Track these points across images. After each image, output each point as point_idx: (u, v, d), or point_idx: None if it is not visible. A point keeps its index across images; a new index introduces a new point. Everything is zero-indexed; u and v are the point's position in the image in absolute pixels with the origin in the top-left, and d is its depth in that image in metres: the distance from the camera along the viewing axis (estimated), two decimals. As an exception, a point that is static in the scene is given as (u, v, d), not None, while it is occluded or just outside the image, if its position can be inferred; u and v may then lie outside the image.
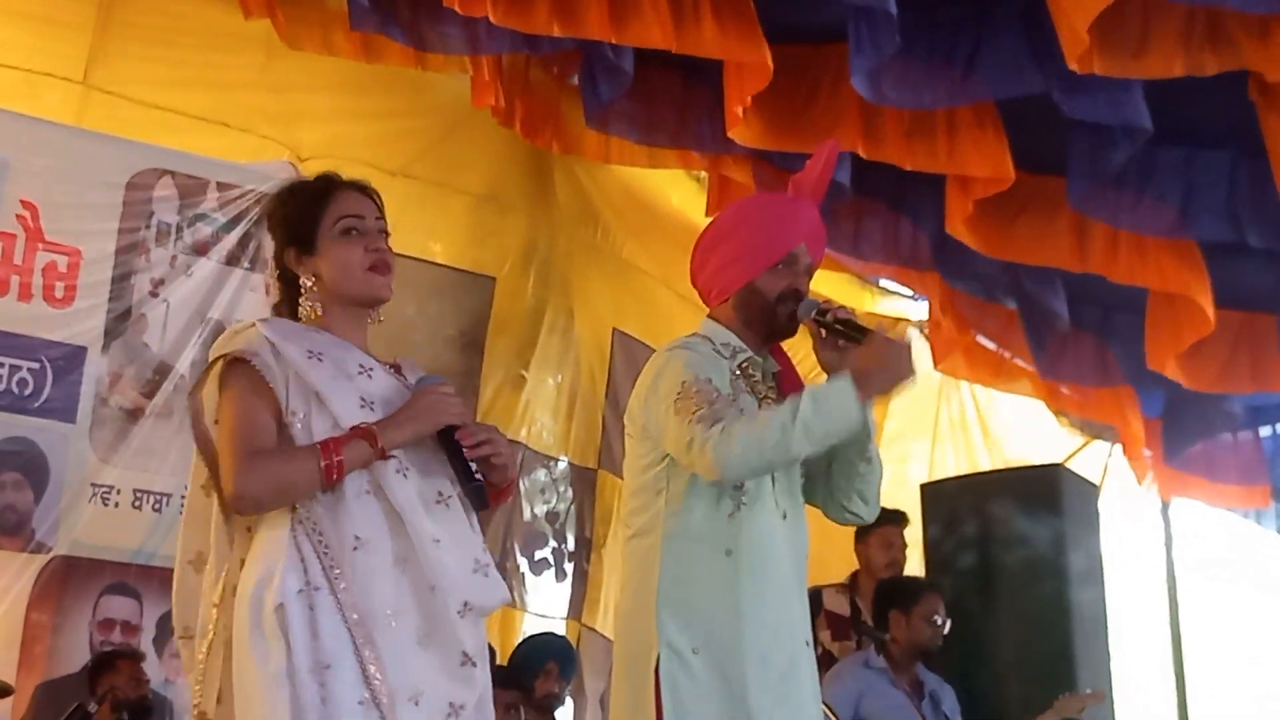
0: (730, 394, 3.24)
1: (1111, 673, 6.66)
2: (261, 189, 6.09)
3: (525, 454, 7.15)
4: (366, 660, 2.52)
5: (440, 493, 2.69)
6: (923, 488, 7.23)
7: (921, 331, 8.31)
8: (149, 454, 5.73)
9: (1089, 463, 8.75)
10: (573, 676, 6.57)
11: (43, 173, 5.72)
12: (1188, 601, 9.27)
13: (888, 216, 6.80)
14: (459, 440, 2.68)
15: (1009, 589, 6.48)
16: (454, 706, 2.59)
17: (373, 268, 2.79)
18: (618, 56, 5.67)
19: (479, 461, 2.71)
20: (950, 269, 7.03)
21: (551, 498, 7.46)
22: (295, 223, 2.85)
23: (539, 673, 6.08)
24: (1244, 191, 5.97)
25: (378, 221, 2.84)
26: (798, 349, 3.49)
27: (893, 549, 6.27)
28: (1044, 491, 6.69)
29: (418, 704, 2.53)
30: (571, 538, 7.47)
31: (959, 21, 5.44)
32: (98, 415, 5.75)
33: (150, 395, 5.82)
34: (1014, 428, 8.91)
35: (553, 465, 7.48)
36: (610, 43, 5.49)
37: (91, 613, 5.67)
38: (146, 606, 5.76)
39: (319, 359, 2.69)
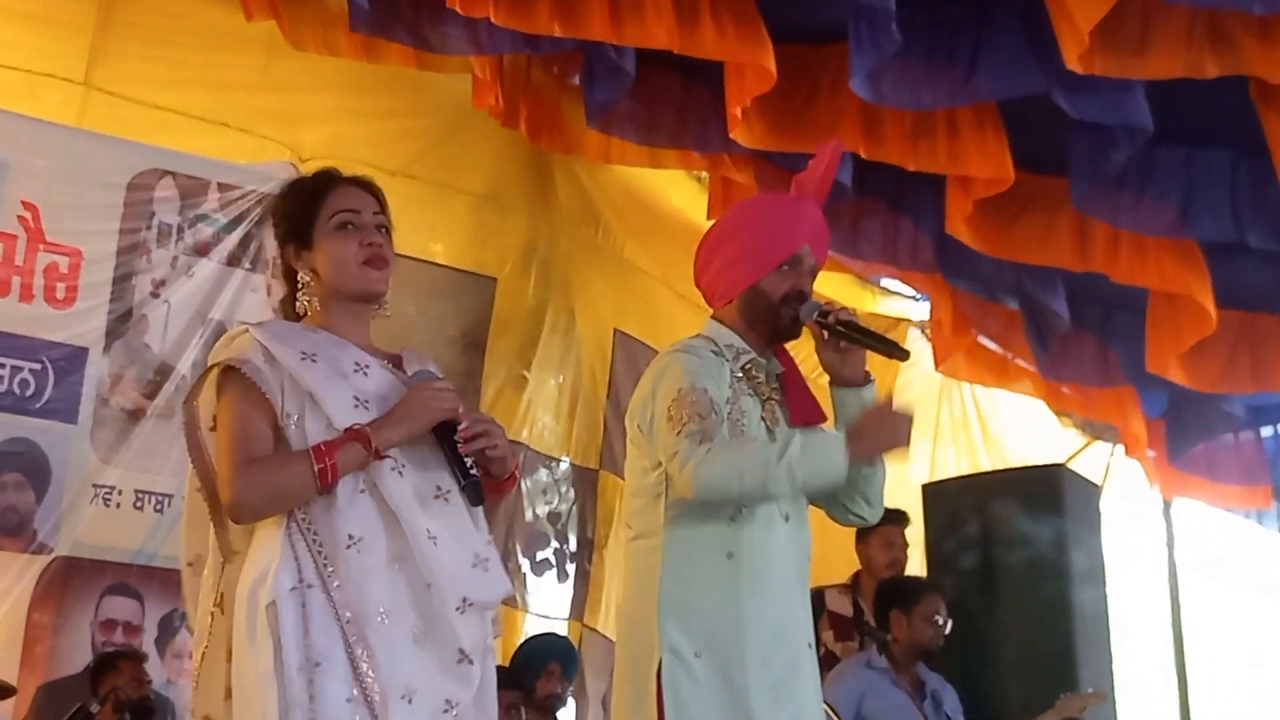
0: (730, 398, 3.24)
1: (1113, 673, 6.65)
2: (262, 190, 6.10)
3: (527, 454, 7.15)
4: (359, 658, 2.51)
5: (439, 487, 2.68)
6: (924, 488, 7.22)
7: (923, 332, 8.31)
8: (150, 454, 5.74)
9: (1091, 463, 8.75)
10: (574, 677, 6.57)
11: (43, 173, 5.73)
12: (1189, 602, 9.27)
13: (889, 217, 6.78)
14: (455, 436, 2.67)
15: (1010, 589, 6.47)
16: (449, 704, 2.58)
17: (367, 262, 2.77)
18: (619, 57, 5.66)
19: (477, 455, 2.70)
20: (952, 269, 7.02)
21: (553, 498, 7.46)
22: (294, 218, 2.85)
23: (541, 673, 6.08)
24: (1245, 191, 5.96)
25: (376, 216, 2.83)
26: (799, 349, 3.49)
27: (894, 549, 6.26)
28: (1045, 492, 6.68)
29: (410, 702, 2.52)
30: (573, 538, 7.47)
31: (959, 21, 5.43)
32: (99, 416, 5.76)
33: (151, 396, 5.83)
34: (1015, 428, 8.91)
35: (554, 466, 7.48)
36: (612, 43, 5.48)
37: (93, 613, 5.67)
38: (148, 607, 5.77)
39: (312, 360, 2.68)
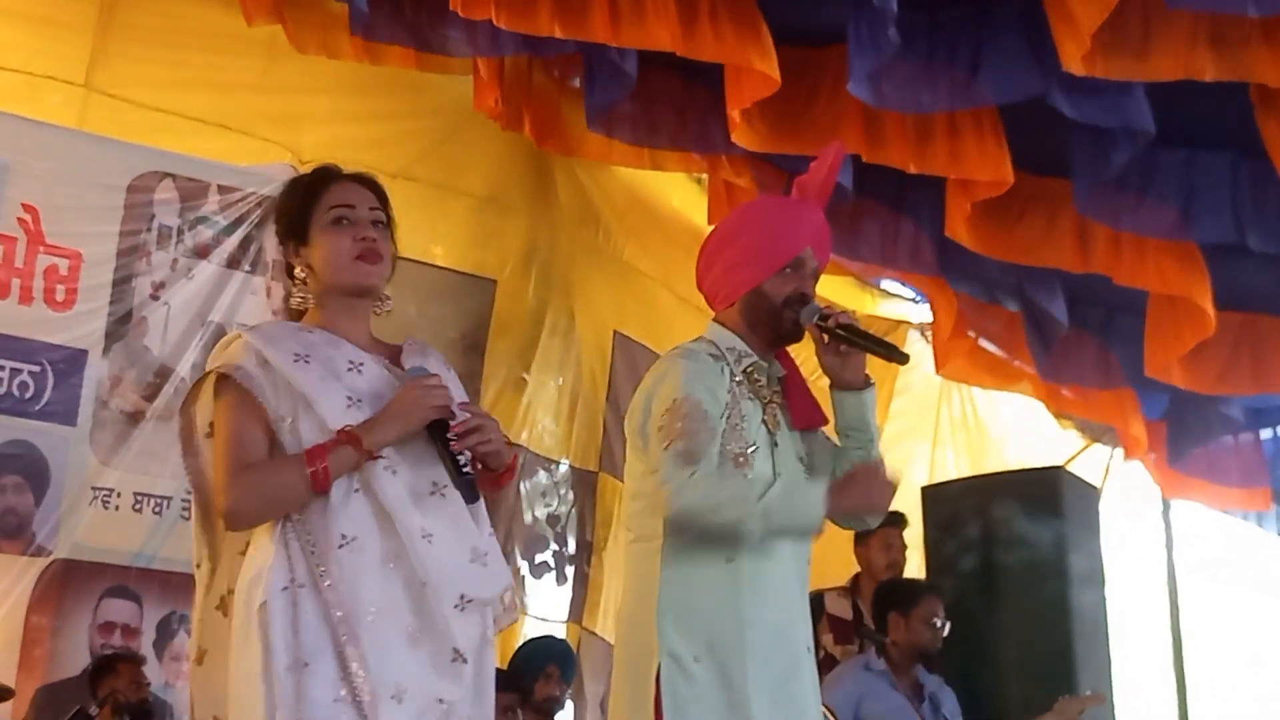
0: (729, 402, 3.23)
1: (1112, 674, 6.65)
2: (262, 192, 6.11)
3: (526, 457, 7.14)
4: (349, 658, 2.51)
5: (435, 483, 2.67)
6: (924, 490, 7.22)
7: (923, 334, 8.31)
8: (149, 457, 5.73)
9: (1090, 465, 8.75)
10: (573, 680, 6.57)
11: (44, 175, 5.73)
12: (1188, 603, 9.28)
13: (889, 218, 6.78)
14: (447, 434, 2.66)
15: (1010, 591, 6.47)
16: (440, 702, 2.58)
17: (360, 256, 2.77)
18: (621, 59, 5.64)
19: (471, 451, 2.70)
20: (952, 271, 7.02)
21: (552, 501, 7.46)
22: (292, 214, 2.87)
23: (539, 676, 6.07)
24: (1245, 193, 5.96)
25: (372, 212, 2.83)
26: (798, 351, 3.49)
27: (893, 550, 6.27)
28: (1045, 494, 6.68)
29: (400, 701, 2.52)
30: (572, 541, 7.46)
31: (958, 23, 5.42)
32: (98, 418, 5.75)
33: (151, 398, 5.82)
34: (1014, 430, 8.91)
35: (554, 468, 7.48)
36: (612, 46, 5.47)
37: (92, 616, 5.66)
38: (147, 609, 5.76)
39: (305, 361, 2.68)
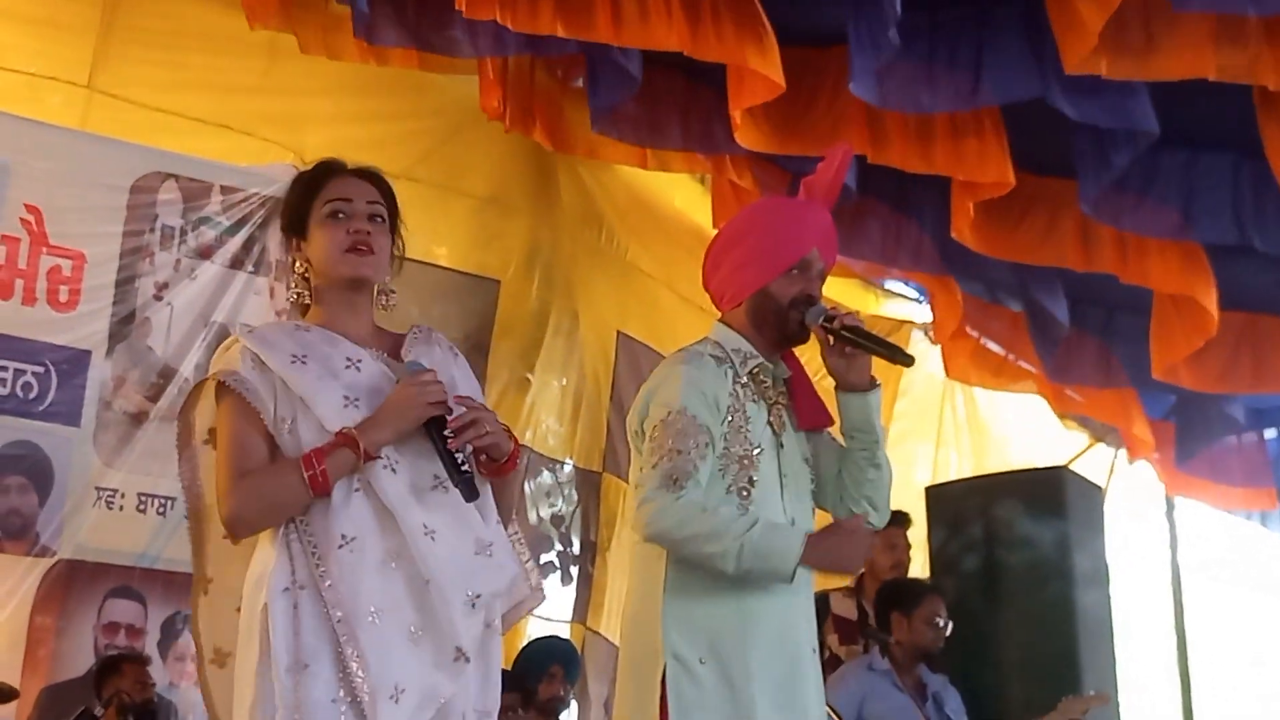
0: (732, 405, 3.22)
1: (1116, 674, 6.64)
2: (265, 192, 6.11)
3: (530, 457, 7.13)
4: (349, 658, 2.51)
5: (436, 476, 2.66)
6: (927, 490, 7.23)
7: (926, 334, 8.31)
8: (153, 457, 5.72)
9: (1094, 465, 8.75)
10: (577, 680, 6.57)
11: (46, 176, 5.73)
12: (1192, 603, 9.28)
13: (892, 218, 6.79)
14: (444, 430, 2.64)
15: (1014, 591, 6.47)
16: (437, 698, 2.57)
17: (351, 248, 2.77)
18: (625, 60, 5.63)
19: (470, 445, 2.69)
20: (955, 270, 7.02)
21: (556, 501, 7.46)
22: (292, 209, 2.88)
23: (543, 676, 6.07)
24: (1246, 194, 5.96)
25: (370, 206, 2.82)
26: (802, 351, 3.48)
27: (897, 551, 6.25)
28: (1048, 494, 6.67)
29: (398, 701, 2.51)
30: (576, 541, 7.46)
31: (960, 23, 5.42)
32: (102, 419, 5.75)
33: (154, 399, 5.83)
34: (1018, 430, 8.91)
35: (558, 468, 7.48)
36: (616, 46, 5.46)
37: (96, 616, 5.66)
38: (151, 610, 5.76)
39: (303, 362, 2.68)
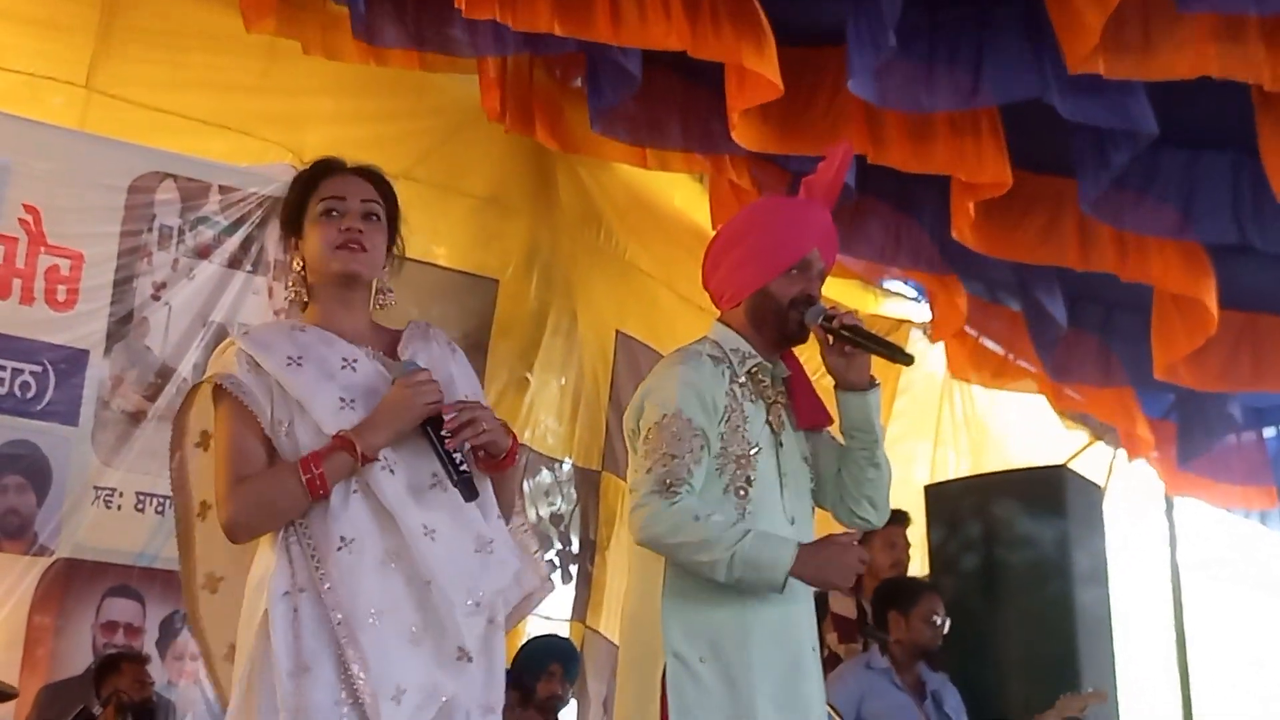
0: (729, 405, 3.22)
1: (1115, 673, 6.64)
2: (263, 192, 6.12)
3: (529, 456, 7.14)
4: (350, 660, 2.51)
5: (434, 475, 2.67)
6: (926, 489, 7.22)
7: (925, 333, 8.31)
8: (151, 457, 5.72)
9: (1093, 463, 8.75)
10: (576, 679, 6.57)
11: (45, 176, 5.73)
12: (1192, 602, 9.27)
13: (892, 217, 6.78)
14: (439, 432, 2.64)
15: (1013, 590, 6.46)
16: (439, 697, 2.57)
17: (342, 245, 2.77)
18: (625, 59, 5.62)
19: (474, 450, 2.69)
20: (955, 269, 7.02)
21: (556, 500, 7.46)
22: (290, 209, 2.88)
23: (542, 674, 6.07)
24: (1246, 193, 5.95)
25: (364, 204, 2.82)
26: (801, 351, 3.48)
27: (896, 550, 6.25)
28: (1047, 492, 6.66)
29: (399, 702, 2.51)
30: (576, 540, 7.46)
31: (959, 23, 5.42)
32: (100, 418, 5.76)
33: (152, 398, 5.83)
34: (1017, 429, 8.91)
35: (557, 467, 7.48)
36: (615, 45, 5.44)
37: (94, 615, 5.67)
38: (149, 609, 5.77)
39: (298, 364, 2.68)
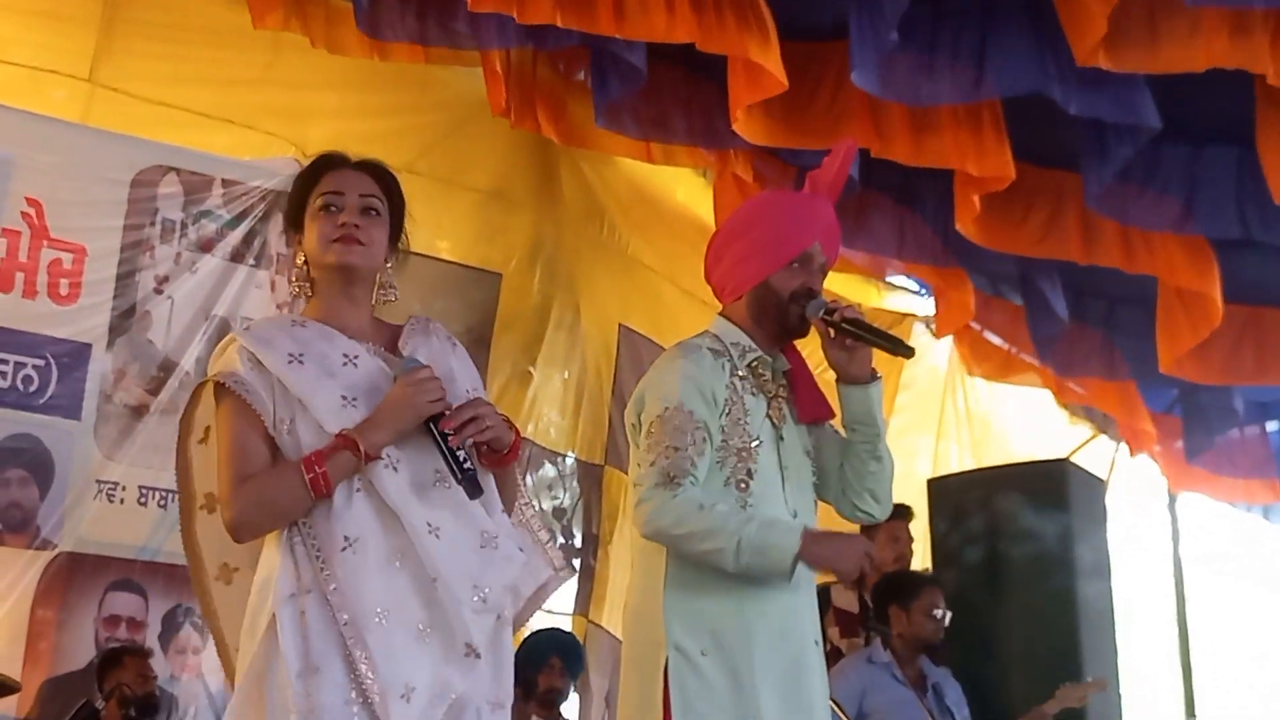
0: (729, 398, 3.23)
1: (1118, 666, 6.65)
2: (266, 186, 6.11)
3: (532, 450, 7.14)
4: (358, 660, 2.50)
5: (437, 470, 2.66)
6: (929, 483, 7.23)
7: (928, 327, 8.30)
8: (154, 450, 5.71)
9: (1096, 457, 8.74)
10: (580, 673, 6.57)
11: (48, 170, 5.72)
12: (1194, 596, 9.28)
13: (895, 210, 6.78)
14: (443, 430, 2.63)
15: (1016, 583, 6.47)
16: (449, 694, 2.57)
17: (337, 239, 2.77)
18: (630, 53, 5.61)
19: (477, 446, 2.69)
20: (960, 263, 7.01)
21: (559, 494, 7.47)
22: (291, 204, 2.89)
23: (542, 667, 6.08)
24: (1249, 187, 5.94)
25: (363, 199, 2.82)
26: (803, 344, 3.48)
27: (899, 543, 6.25)
28: (1050, 486, 6.68)
29: (409, 700, 2.51)
30: (579, 534, 7.47)
31: (963, 16, 5.41)
32: (102, 412, 5.75)
33: (155, 392, 5.83)
34: (1019, 423, 8.91)
35: (560, 461, 7.48)
36: (620, 39, 5.43)
37: (97, 609, 5.66)
38: (152, 603, 5.76)
39: (300, 361, 2.67)
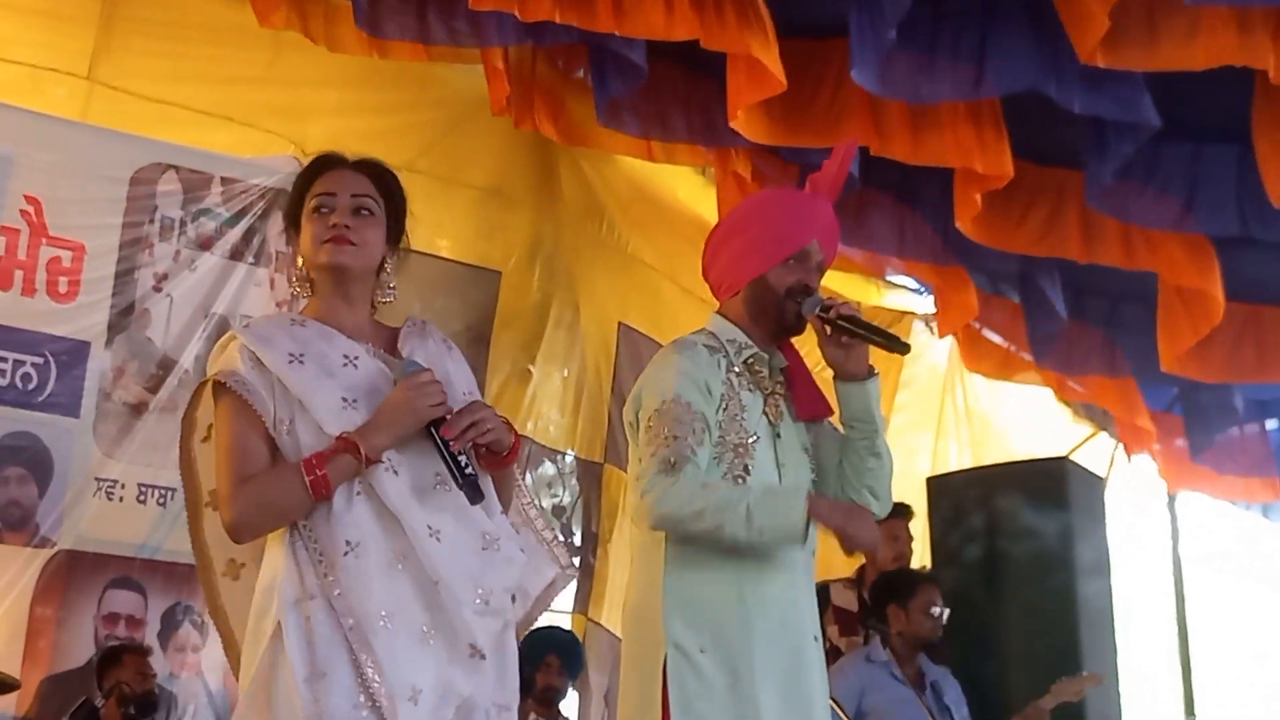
0: (725, 394, 3.23)
1: (1117, 665, 6.65)
2: (266, 184, 6.12)
3: (532, 448, 7.14)
4: (364, 664, 2.50)
5: (438, 474, 2.66)
6: (928, 481, 7.22)
7: (927, 325, 8.30)
8: (153, 448, 5.71)
9: (1095, 455, 8.74)
10: (579, 671, 6.56)
11: (47, 168, 5.72)
12: (1194, 594, 9.27)
13: (895, 209, 6.77)
14: (444, 435, 2.63)
15: (1015, 582, 6.47)
16: (456, 696, 2.57)
17: (328, 239, 2.77)
18: (630, 50, 5.59)
19: (476, 448, 2.68)
20: (960, 261, 7.01)
21: (558, 491, 7.47)
22: (290, 206, 2.89)
23: (539, 665, 6.08)
24: (1250, 186, 5.93)
25: (355, 199, 2.81)
26: (802, 343, 3.48)
27: (899, 542, 6.25)
28: (1049, 484, 6.67)
29: (416, 703, 2.51)
30: (578, 532, 7.47)
31: (962, 14, 5.41)
32: (101, 410, 5.75)
33: (154, 390, 5.83)
34: (1019, 421, 8.90)
35: (559, 459, 7.48)
36: (621, 37, 5.42)
37: (96, 607, 5.66)
38: (151, 601, 5.76)
39: (300, 361, 2.67)
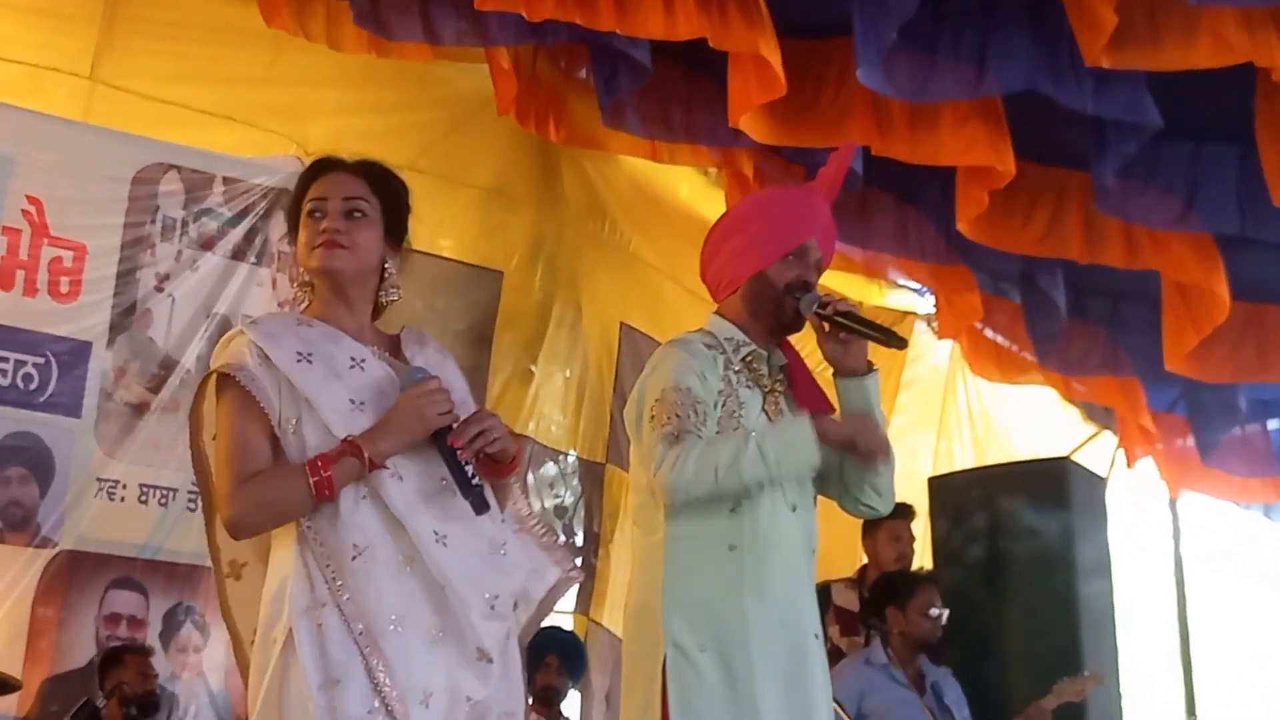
0: (724, 390, 3.24)
1: (1119, 665, 6.64)
2: (267, 183, 6.12)
3: (534, 448, 7.14)
4: (375, 669, 2.50)
5: (443, 479, 2.65)
6: (930, 481, 7.21)
7: (928, 324, 8.30)
8: (154, 448, 5.73)
9: (1096, 455, 8.73)
10: (581, 672, 6.55)
11: (48, 167, 5.73)
12: (1195, 594, 9.27)
13: (897, 208, 6.77)
14: (451, 443, 2.62)
15: (1016, 582, 6.46)
16: (465, 700, 2.58)
17: (318, 244, 2.77)
18: (633, 49, 5.57)
19: (477, 455, 2.67)
20: (962, 260, 7.00)
21: (560, 492, 7.47)
22: (290, 209, 2.89)
23: (539, 665, 6.08)
24: (1251, 185, 5.93)
25: (346, 203, 2.81)
26: (802, 342, 3.48)
27: (901, 543, 6.26)
28: (1051, 485, 6.65)
29: (427, 706, 2.52)
30: (580, 532, 7.46)
31: (965, 14, 5.41)
32: (103, 410, 5.75)
33: (155, 390, 5.83)
34: (1020, 421, 8.89)
35: (561, 459, 7.48)
36: (627, 35, 5.41)
37: (97, 607, 5.66)
38: (153, 601, 5.76)
39: (308, 360, 2.66)
